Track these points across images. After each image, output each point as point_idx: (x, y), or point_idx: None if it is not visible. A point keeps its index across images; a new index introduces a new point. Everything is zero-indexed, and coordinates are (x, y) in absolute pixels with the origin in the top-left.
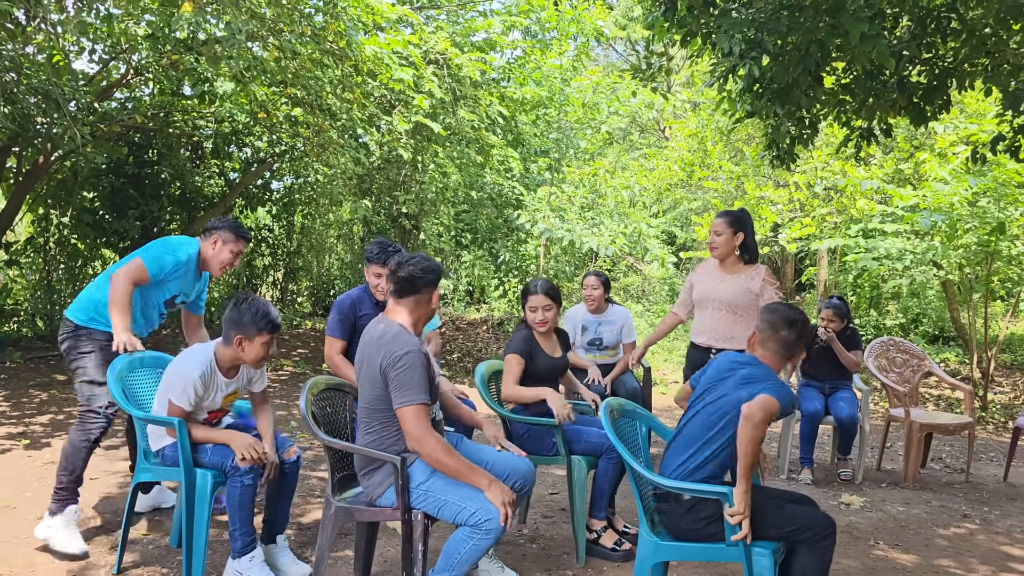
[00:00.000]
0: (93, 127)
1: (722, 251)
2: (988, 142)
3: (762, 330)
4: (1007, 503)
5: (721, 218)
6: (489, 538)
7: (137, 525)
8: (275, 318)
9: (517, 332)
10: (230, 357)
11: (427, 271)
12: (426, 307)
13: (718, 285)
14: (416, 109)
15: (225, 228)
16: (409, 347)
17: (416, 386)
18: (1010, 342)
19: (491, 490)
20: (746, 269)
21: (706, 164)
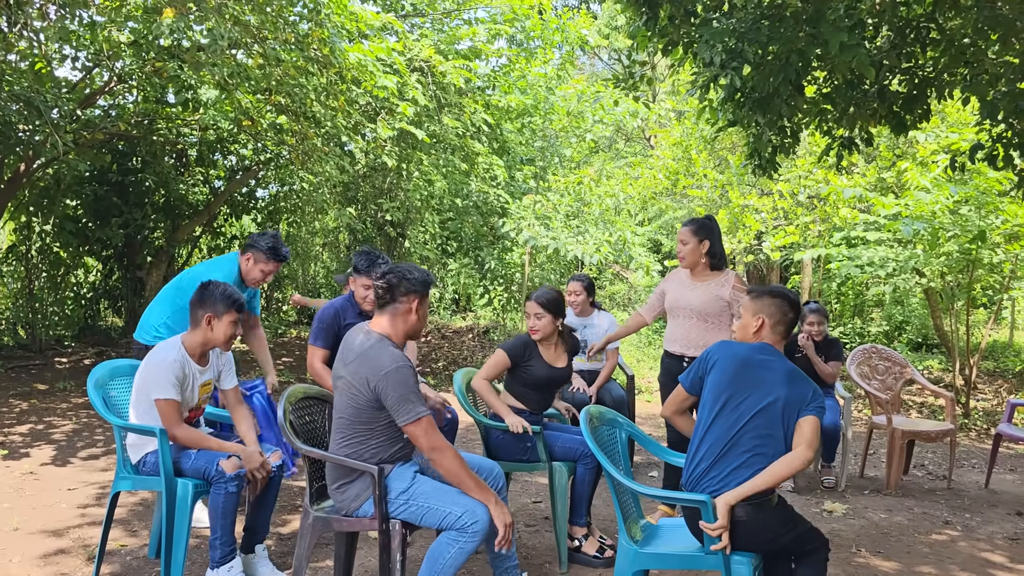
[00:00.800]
0: (76, 134)
1: (689, 260)
2: (967, 151)
3: (771, 314)
4: (988, 510)
5: (686, 227)
6: (475, 541)
7: (115, 536)
8: (240, 297)
9: (521, 335)
10: (199, 342)
11: (408, 280)
12: (407, 317)
13: (688, 293)
14: (400, 116)
15: (259, 248)
16: (397, 361)
17: (416, 399)
18: (992, 349)
19: (497, 508)
20: (715, 276)
21: (691, 172)
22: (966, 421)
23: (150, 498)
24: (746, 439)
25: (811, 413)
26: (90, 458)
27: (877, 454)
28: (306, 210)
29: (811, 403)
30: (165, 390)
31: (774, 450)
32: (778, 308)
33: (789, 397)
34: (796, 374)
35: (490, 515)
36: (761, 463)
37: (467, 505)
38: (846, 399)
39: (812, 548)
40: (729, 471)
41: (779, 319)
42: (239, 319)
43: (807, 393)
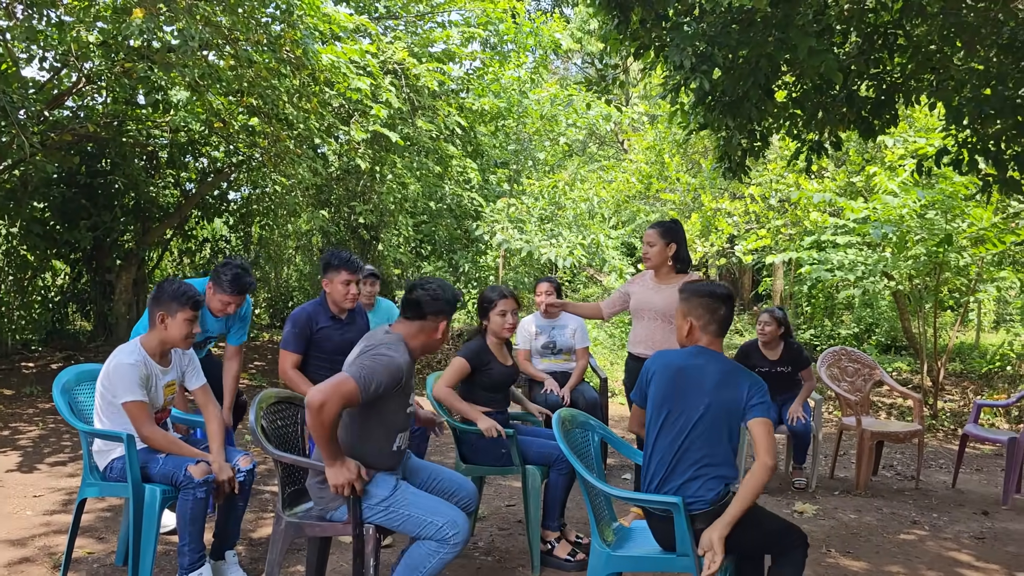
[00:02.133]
0: (43, 136)
1: (655, 261)
2: (934, 155)
3: (700, 315)
4: (955, 509)
5: (653, 229)
6: (455, 551)
7: (81, 543)
8: (195, 295)
9: (473, 340)
10: (157, 341)
11: (440, 300)
12: (430, 336)
13: (653, 295)
14: (374, 119)
15: (220, 279)
16: (396, 355)
17: (369, 375)
18: (959, 351)
19: (334, 468)
20: (679, 279)
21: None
22: (934, 422)
23: (118, 504)
24: (692, 451)
25: (757, 415)
26: (57, 464)
27: (847, 455)
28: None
29: (752, 404)
30: (131, 392)
31: (723, 457)
32: (706, 307)
33: (722, 402)
34: (728, 376)
35: (469, 525)
36: (712, 472)
37: (448, 516)
38: (817, 401)
39: (788, 545)
40: (680, 484)
41: (709, 318)
42: (195, 317)
43: (742, 394)
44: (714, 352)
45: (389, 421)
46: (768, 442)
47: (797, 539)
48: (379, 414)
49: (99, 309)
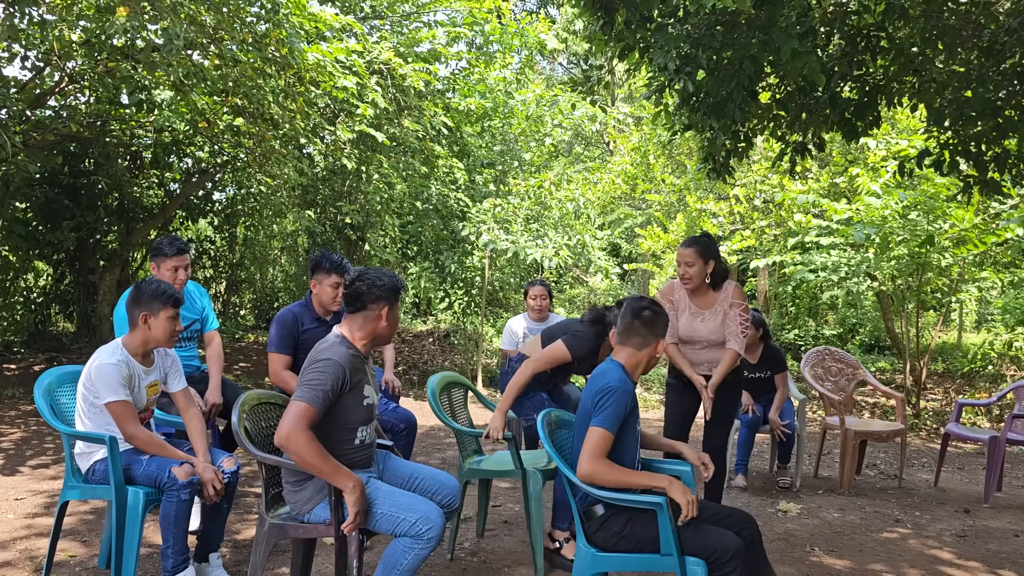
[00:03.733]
0: (25, 135)
1: (696, 282)
2: (915, 157)
3: (618, 329)
4: (937, 507)
5: (690, 248)
6: (429, 547)
7: (64, 546)
8: (175, 293)
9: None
10: (140, 341)
11: (378, 287)
12: (377, 324)
13: (700, 326)
14: (360, 118)
15: (158, 251)
16: (332, 355)
17: (315, 388)
18: (941, 351)
19: (353, 492)
20: (717, 297)
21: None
22: (916, 421)
23: (101, 507)
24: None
25: (592, 424)
26: (39, 467)
27: (831, 454)
28: (264, 213)
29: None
30: (114, 392)
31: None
32: (620, 322)
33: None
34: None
35: (444, 520)
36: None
37: (421, 511)
38: (800, 400)
39: (718, 561)
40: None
41: (622, 330)
42: (177, 315)
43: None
44: (610, 361)
45: (345, 418)
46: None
47: (726, 552)
48: (333, 413)
49: (82, 310)
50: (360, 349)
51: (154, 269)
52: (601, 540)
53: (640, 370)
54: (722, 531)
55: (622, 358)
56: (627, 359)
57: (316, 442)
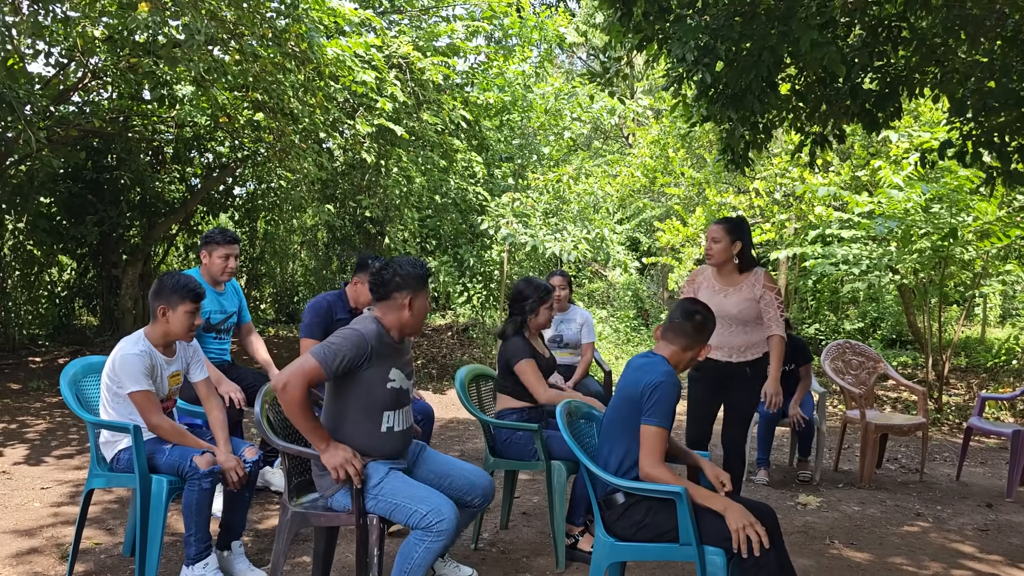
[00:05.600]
0: (49, 131)
1: (718, 258)
2: (938, 148)
3: (665, 326)
4: (959, 502)
5: (719, 225)
6: (441, 540)
7: (89, 534)
8: (196, 287)
9: (515, 339)
10: (160, 334)
11: (400, 275)
12: (400, 314)
13: (723, 300)
14: (379, 112)
15: (210, 239)
16: (360, 327)
17: (329, 349)
18: (965, 346)
19: (327, 454)
20: (744, 278)
21: (668, 171)
22: (938, 416)
23: (125, 496)
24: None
25: (646, 423)
26: (64, 457)
27: (851, 448)
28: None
29: (649, 377)
30: (137, 382)
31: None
32: (668, 318)
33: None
34: (642, 368)
35: (456, 514)
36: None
37: (433, 504)
38: (821, 394)
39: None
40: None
41: (667, 327)
42: (196, 309)
43: (646, 377)
44: (654, 354)
45: (368, 398)
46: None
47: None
48: (355, 391)
49: (105, 304)
50: (393, 337)
51: (205, 257)
52: (621, 529)
53: (680, 368)
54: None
55: (666, 353)
56: (671, 355)
57: (307, 399)
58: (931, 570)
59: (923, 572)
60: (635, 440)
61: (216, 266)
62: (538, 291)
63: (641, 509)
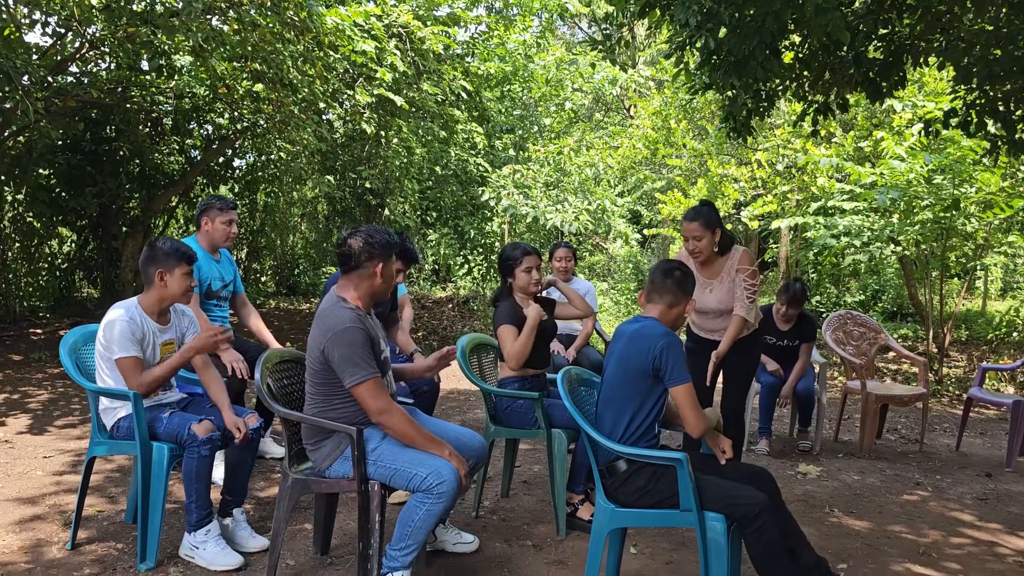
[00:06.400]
0: (47, 102)
1: (706, 255)
2: (942, 118)
3: (645, 287)
4: (958, 471)
5: (695, 222)
6: (441, 502)
7: (91, 502)
8: (187, 250)
9: (503, 304)
10: (156, 299)
11: (370, 244)
12: (371, 282)
13: (708, 296)
14: (379, 82)
15: (209, 205)
16: (345, 323)
17: (361, 361)
18: (965, 318)
19: (453, 459)
20: (724, 262)
21: (670, 142)
22: (938, 387)
23: (126, 465)
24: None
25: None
26: (66, 427)
27: (851, 419)
28: (284, 180)
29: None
30: (124, 348)
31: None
32: (649, 280)
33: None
34: (637, 333)
35: (457, 474)
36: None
37: (432, 466)
38: (821, 365)
39: (746, 515)
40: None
41: (651, 289)
42: (191, 271)
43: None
44: (646, 317)
45: None
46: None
47: (754, 508)
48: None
49: (106, 276)
50: (361, 307)
51: (206, 224)
52: (623, 496)
53: (670, 327)
54: (747, 487)
55: (655, 314)
56: (660, 315)
57: (405, 413)
58: (930, 538)
59: (922, 540)
60: (641, 408)
61: (219, 232)
62: (516, 251)
63: (644, 475)
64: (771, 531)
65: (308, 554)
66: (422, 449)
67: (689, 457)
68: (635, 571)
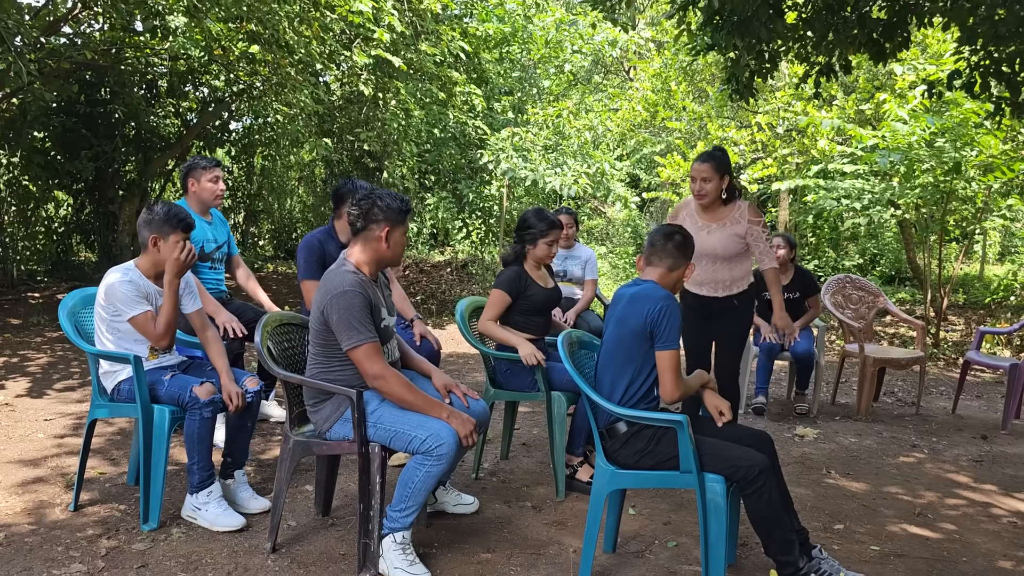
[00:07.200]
0: (41, 63)
1: (711, 197)
2: (945, 79)
3: (644, 250)
4: (954, 433)
5: (706, 163)
6: (441, 464)
7: (93, 464)
8: (186, 217)
9: (509, 268)
10: (151, 264)
11: (379, 207)
12: (378, 246)
13: (707, 237)
14: (376, 43)
15: (193, 165)
16: (344, 286)
17: (358, 324)
18: (963, 282)
19: (452, 420)
20: (729, 212)
21: (670, 105)
22: (935, 351)
23: (127, 428)
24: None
25: (662, 348)
26: (66, 390)
27: (849, 382)
28: (281, 143)
29: (648, 306)
30: (132, 307)
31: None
32: (650, 243)
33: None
34: (637, 296)
35: (456, 434)
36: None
37: (431, 428)
38: (820, 328)
39: (746, 477)
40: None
41: (651, 252)
42: (186, 239)
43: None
44: (646, 281)
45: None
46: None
47: (753, 469)
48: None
49: (103, 240)
50: (366, 273)
51: (193, 185)
52: (623, 457)
53: (670, 290)
54: (747, 449)
55: (654, 277)
56: (660, 279)
57: (402, 377)
58: (926, 499)
59: (918, 501)
60: (640, 370)
61: (207, 190)
62: (543, 223)
63: (645, 437)
64: (771, 492)
65: (310, 515)
66: (422, 412)
67: (689, 419)
68: (634, 532)
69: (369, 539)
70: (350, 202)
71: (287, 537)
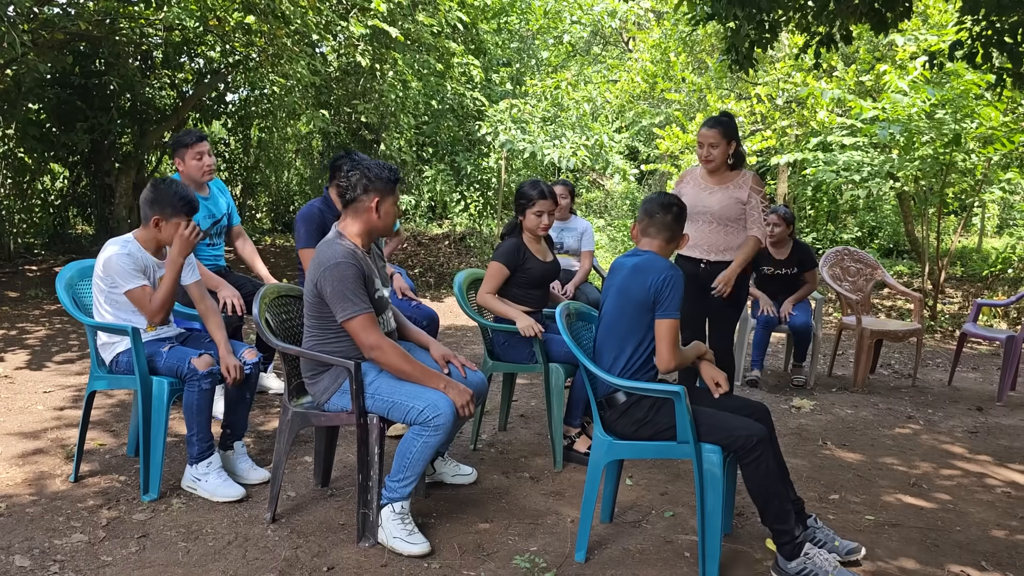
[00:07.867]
0: (34, 34)
1: (717, 163)
2: (947, 50)
3: (640, 220)
4: (950, 405)
5: (713, 128)
6: (438, 434)
7: (93, 436)
8: (192, 199)
9: (507, 240)
10: (151, 239)
11: (368, 177)
12: (368, 216)
13: (707, 197)
14: (373, 13)
15: (179, 143)
16: (337, 258)
17: (352, 296)
18: (961, 255)
19: (449, 391)
20: (733, 177)
21: (669, 76)
22: (932, 324)
23: (127, 399)
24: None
25: (663, 317)
26: (65, 362)
27: (845, 354)
28: (278, 115)
29: (651, 277)
30: (129, 280)
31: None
32: (646, 213)
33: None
34: (639, 267)
35: (453, 405)
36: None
37: (429, 399)
38: (817, 300)
39: (743, 447)
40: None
41: (648, 223)
42: (189, 223)
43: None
44: (645, 251)
45: None
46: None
47: (751, 439)
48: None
49: (100, 213)
50: (358, 244)
51: (179, 164)
52: (621, 428)
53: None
54: (744, 419)
55: (653, 248)
56: (659, 250)
57: (398, 348)
58: (921, 469)
59: (913, 471)
60: (641, 340)
61: (193, 167)
62: (532, 190)
63: (643, 407)
64: (768, 462)
65: (309, 486)
66: (419, 383)
67: (686, 390)
68: (631, 502)
69: (368, 509)
70: (345, 174)
71: (287, 507)
